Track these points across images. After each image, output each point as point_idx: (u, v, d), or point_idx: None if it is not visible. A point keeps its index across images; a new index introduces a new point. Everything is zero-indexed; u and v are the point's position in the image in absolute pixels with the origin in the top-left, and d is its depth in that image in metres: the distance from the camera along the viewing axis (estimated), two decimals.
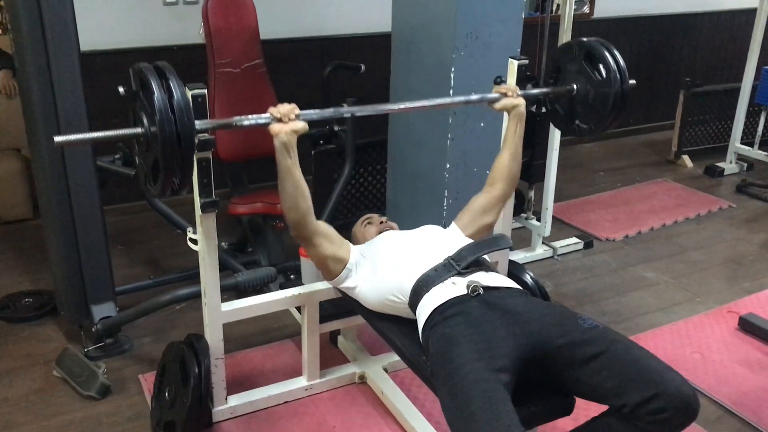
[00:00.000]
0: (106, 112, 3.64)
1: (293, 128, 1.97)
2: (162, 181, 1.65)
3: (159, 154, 1.61)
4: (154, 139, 1.62)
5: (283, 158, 2.00)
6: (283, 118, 1.97)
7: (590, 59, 2.30)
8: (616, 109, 2.29)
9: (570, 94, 2.36)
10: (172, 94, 1.64)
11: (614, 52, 2.26)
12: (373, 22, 4.31)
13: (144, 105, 1.66)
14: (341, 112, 2.09)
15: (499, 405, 1.63)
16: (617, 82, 2.24)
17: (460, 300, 1.96)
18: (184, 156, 1.66)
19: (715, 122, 5.28)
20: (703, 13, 5.70)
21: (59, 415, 2.51)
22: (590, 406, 1.84)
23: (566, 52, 2.39)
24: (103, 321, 2.80)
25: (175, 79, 1.67)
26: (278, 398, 2.56)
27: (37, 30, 2.46)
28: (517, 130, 2.34)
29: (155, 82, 1.64)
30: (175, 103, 1.62)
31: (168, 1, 3.93)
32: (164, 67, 1.68)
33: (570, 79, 2.37)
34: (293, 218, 2.10)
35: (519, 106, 2.31)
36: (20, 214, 3.94)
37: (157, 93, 1.61)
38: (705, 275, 3.61)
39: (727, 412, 2.59)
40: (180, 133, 1.62)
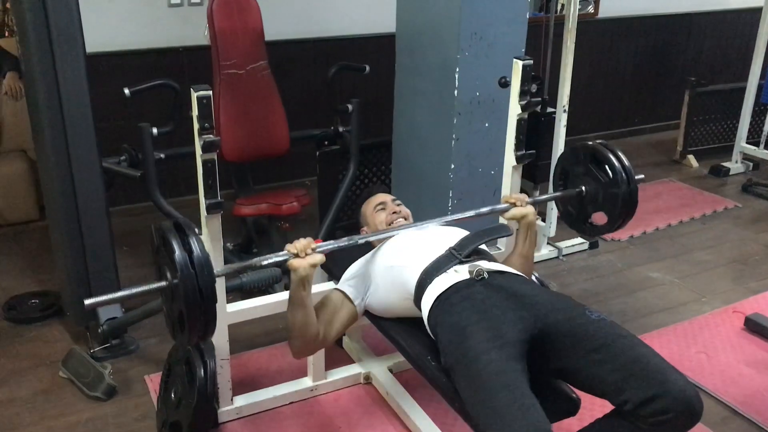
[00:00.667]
0: (112, 113, 3.67)
1: (311, 263, 1.95)
2: (188, 332, 1.73)
3: (183, 307, 1.69)
4: (177, 291, 1.69)
5: (299, 291, 1.98)
6: (300, 253, 1.94)
7: (595, 161, 2.33)
8: (626, 209, 2.32)
9: (580, 197, 2.38)
10: (192, 250, 1.70)
11: (619, 155, 2.29)
12: (378, 23, 4.32)
13: (166, 260, 1.73)
14: (356, 240, 2.10)
15: (524, 399, 1.63)
16: (624, 182, 2.27)
17: (465, 285, 1.96)
18: (207, 308, 1.71)
19: (720, 122, 5.27)
20: (709, 12, 5.68)
21: (65, 415, 2.51)
22: (595, 407, 1.84)
23: (572, 155, 2.41)
24: (109, 322, 2.81)
25: (194, 236, 1.73)
26: (284, 399, 2.56)
27: (43, 32, 2.47)
28: (528, 239, 2.29)
29: (176, 242, 1.70)
30: (195, 260, 1.68)
31: (173, 3, 3.95)
32: (184, 225, 1.74)
33: (578, 181, 2.39)
34: (300, 346, 2.08)
35: (528, 215, 2.27)
36: (26, 216, 3.95)
37: (177, 253, 1.68)
38: (710, 275, 3.60)
39: (733, 413, 2.58)
40: (201, 287, 1.68)
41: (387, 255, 2.22)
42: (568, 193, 2.41)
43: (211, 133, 1.99)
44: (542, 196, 2.39)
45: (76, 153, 2.63)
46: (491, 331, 1.79)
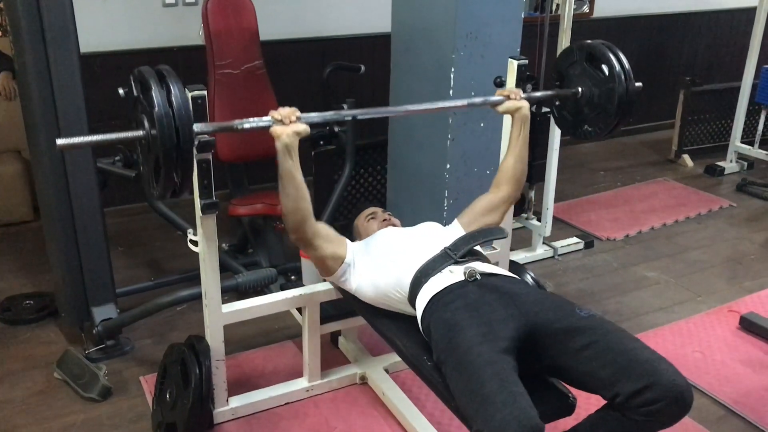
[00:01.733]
0: (106, 113, 3.65)
1: (295, 130, 1.97)
2: (163, 182, 1.68)
3: (159, 154, 1.63)
4: (154, 140, 1.65)
5: (285, 160, 2.00)
6: (284, 120, 1.96)
7: (592, 60, 2.30)
8: (623, 108, 2.28)
9: (575, 97, 2.35)
10: (171, 94, 1.66)
11: (617, 53, 2.26)
12: (373, 23, 4.31)
13: (145, 107, 1.68)
14: (342, 115, 2.09)
15: (513, 387, 1.65)
16: (622, 81, 2.23)
17: (459, 286, 1.98)
18: (184, 156, 1.68)
19: (715, 121, 5.28)
20: (703, 12, 5.70)
21: (60, 417, 2.51)
22: (590, 405, 1.84)
23: (567, 56, 2.38)
24: (104, 323, 2.80)
25: (175, 80, 1.70)
26: (279, 399, 2.56)
27: (37, 32, 2.46)
28: (521, 133, 2.31)
29: (155, 84, 1.67)
30: (174, 104, 1.65)
31: (168, 3, 3.94)
32: (164, 70, 1.71)
33: (574, 83, 2.36)
34: (293, 221, 2.09)
35: (522, 109, 2.28)
36: (21, 216, 3.94)
37: (156, 94, 1.64)
38: (706, 274, 3.61)
39: (729, 412, 2.58)
40: (179, 132, 1.64)
41: (382, 247, 2.25)
42: (564, 92, 2.37)
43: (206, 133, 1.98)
44: (537, 93, 2.35)
45: (71, 153, 2.62)
46: (483, 327, 1.82)
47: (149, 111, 1.66)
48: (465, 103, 2.32)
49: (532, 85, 2.48)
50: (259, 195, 3.36)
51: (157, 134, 1.64)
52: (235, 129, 1.97)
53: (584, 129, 2.42)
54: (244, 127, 1.95)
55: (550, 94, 2.41)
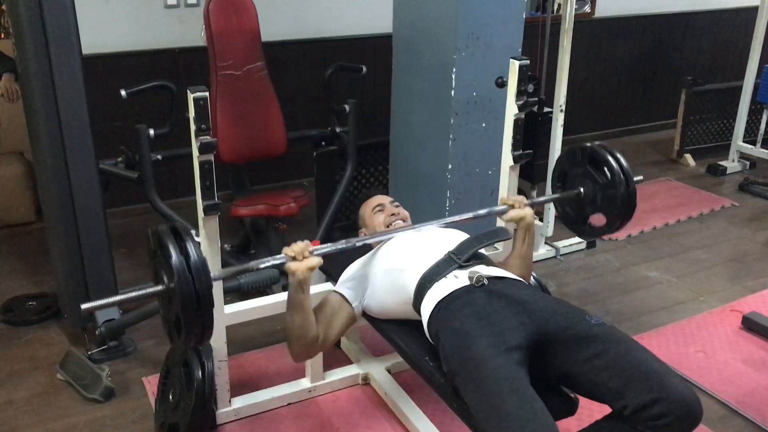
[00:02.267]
0: (109, 114, 3.66)
1: (309, 266, 1.94)
2: (185, 335, 1.72)
3: (179, 312, 1.69)
4: (174, 294, 1.69)
5: (297, 294, 1.97)
6: (297, 256, 1.94)
7: (594, 163, 2.33)
8: (624, 210, 2.31)
9: (578, 198, 2.38)
10: (189, 255, 1.69)
11: (617, 157, 2.29)
12: (375, 24, 4.32)
13: (164, 264, 1.73)
14: (354, 242, 2.09)
15: (533, 403, 1.64)
16: (623, 184, 2.26)
17: (465, 291, 1.95)
18: (204, 312, 1.71)
19: (717, 121, 5.28)
20: (705, 11, 5.69)
21: (63, 418, 2.51)
22: (593, 406, 1.84)
23: (570, 157, 2.42)
24: (107, 324, 2.80)
25: (191, 241, 1.72)
26: (282, 400, 2.56)
27: (39, 34, 2.47)
28: (526, 241, 2.29)
29: (172, 246, 1.69)
30: (192, 265, 1.68)
31: (169, 4, 3.94)
32: (181, 230, 1.74)
33: (576, 183, 2.39)
34: (299, 349, 2.07)
35: (526, 217, 2.26)
36: (23, 218, 3.95)
37: (174, 257, 1.68)
38: (708, 274, 3.61)
39: (732, 412, 2.58)
40: (198, 292, 1.68)
41: (385, 257, 2.21)
42: (566, 194, 2.41)
43: (208, 134, 1.99)
44: (540, 198, 2.39)
45: (73, 155, 2.63)
46: (495, 336, 1.79)
47: (168, 269, 1.70)
48: (471, 216, 2.29)
49: (534, 86, 2.48)
50: (261, 196, 3.37)
51: (178, 297, 1.68)
52: (251, 270, 1.96)
53: (587, 226, 2.44)
54: (260, 267, 1.94)
55: (555, 197, 2.44)
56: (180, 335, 1.75)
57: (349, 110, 3.38)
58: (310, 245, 1.97)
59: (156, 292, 1.78)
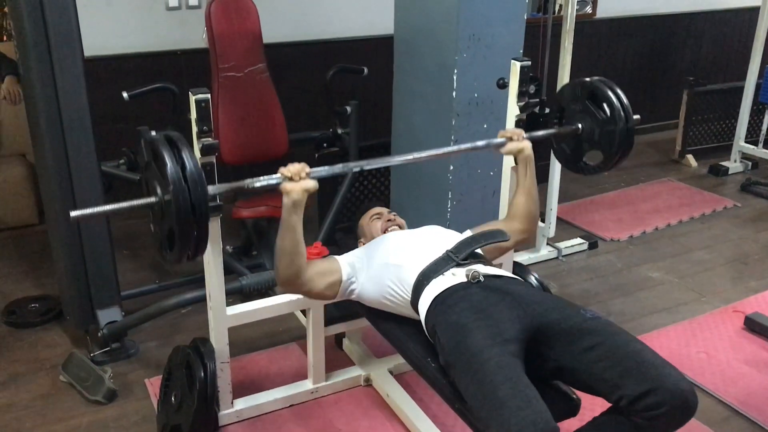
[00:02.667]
0: (110, 116, 3.66)
1: (304, 187, 1.97)
2: (178, 250, 1.68)
3: (174, 223, 1.64)
4: (168, 207, 1.64)
5: (290, 216, 1.99)
6: (294, 177, 1.96)
7: (593, 98, 2.31)
8: (623, 146, 2.30)
9: (576, 134, 2.36)
10: (185, 164, 1.66)
11: (617, 92, 2.27)
12: (376, 25, 4.32)
13: (157, 174, 1.68)
14: (350, 167, 2.08)
15: (527, 390, 1.65)
16: (622, 120, 2.25)
17: (462, 287, 1.98)
18: (199, 224, 1.68)
19: (719, 121, 5.27)
20: (706, 11, 5.69)
21: (66, 419, 2.51)
22: (595, 407, 1.84)
23: (569, 92, 2.40)
24: (109, 325, 2.81)
25: (187, 149, 1.68)
26: (284, 401, 2.56)
27: (41, 36, 2.47)
28: (528, 173, 2.29)
29: (168, 154, 1.65)
30: (188, 174, 1.64)
31: (171, 6, 3.94)
32: (176, 138, 1.70)
33: (575, 118, 2.37)
34: (286, 275, 2.07)
35: (525, 149, 2.27)
36: (26, 220, 3.95)
37: (170, 166, 1.63)
38: (710, 275, 3.60)
39: (734, 412, 2.58)
40: (194, 202, 1.64)
41: (385, 251, 2.24)
42: (564, 129, 2.39)
43: (210, 136, 1.99)
44: (538, 132, 2.36)
45: (75, 157, 2.63)
46: (491, 328, 1.81)
47: (162, 180, 1.65)
48: (469, 146, 2.31)
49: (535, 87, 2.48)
50: (263, 197, 3.37)
51: (173, 208, 1.62)
52: (246, 188, 1.96)
53: (583, 163, 2.43)
54: (255, 186, 1.94)
55: (553, 132, 2.42)
56: (173, 249, 1.69)
57: (351, 111, 3.38)
58: (306, 167, 2.00)
59: (148, 204, 1.73)
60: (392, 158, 2.27)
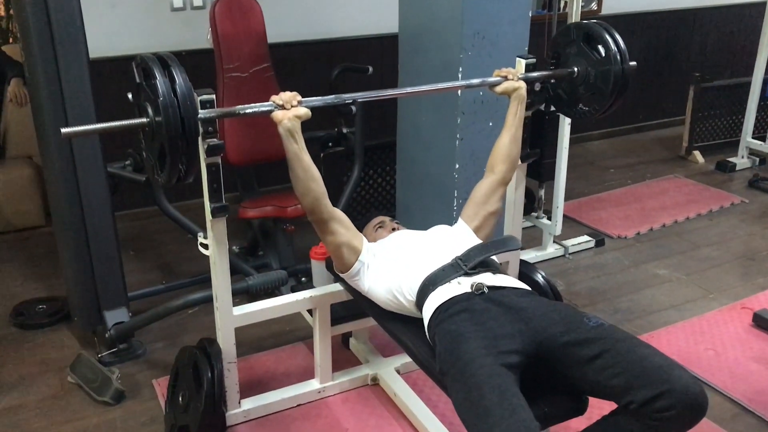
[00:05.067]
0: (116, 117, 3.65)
1: (296, 113, 2.00)
2: (168, 168, 1.69)
3: (164, 140, 1.64)
4: (159, 127, 1.66)
5: (290, 144, 2.02)
6: (285, 104, 2.00)
7: (589, 41, 2.32)
8: (618, 88, 2.29)
9: (571, 77, 2.36)
10: (174, 80, 1.68)
11: (613, 33, 2.28)
12: (380, 24, 4.32)
13: (148, 95, 1.69)
14: (343, 98, 2.11)
15: (514, 399, 1.64)
16: (617, 61, 2.24)
17: (465, 297, 1.98)
18: (189, 141, 1.69)
19: (725, 117, 5.25)
20: (712, 7, 5.67)
21: (74, 420, 2.52)
22: (603, 405, 1.83)
23: (564, 35, 2.39)
24: (117, 326, 2.81)
25: (177, 67, 1.71)
26: (291, 401, 2.56)
27: (47, 38, 2.48)
28: (518, 113, 2.35)
29: (159, 72, 1.68)
30: (178, 89, 1.67)
31: (176, 7, 3.95)
32: (166, 57, 1.72)
33: (570, 62, 2.38)
34: (307, 203, 2.11)
35: (520, 89, 2.33)
36: (33, 222, 3.97)
37: (159, 80, 1.65)
38: (718, 271, 3.59)
39: (743, 410, 2.57)
40: (183, 117, 1.66)
41: (394, 249, 2.25)
42: (560, 72, 2.39)
43: (215, 136, 1.99)
44: (534, 74, 2.37)
45: (81, 158, 2.64)
46: (487, 340, 1.81)
47: (153, 99, 1.67)
48: (464, 84, 2.38)
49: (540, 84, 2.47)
50: (269, 197, 3.37)
51: (163, 122, 1.64)
52: (238, 114, 1.99)
53: (579, 108, 2.43)
54: (246, 111, 1.98)
55: (547, 74, 2.42)
56: (163, 171, 1.71)
57: (356, 111, 3.38)
58: (298, 96, 2.03)
59: (140, 124, 1.75)
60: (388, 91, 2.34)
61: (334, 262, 2.30)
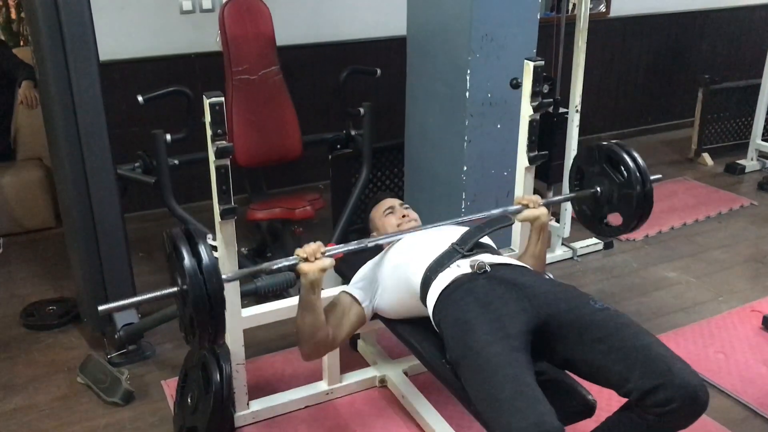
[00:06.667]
0: (126, 120, 3.69)
1: (320, 267, 1.98)
2: (198, 336, 1.76)
3: (192, 312, 1.73)
4: (188, 297, 1.73)
5: (308, 294, 2.02)
6: (309, 257, 1.97)
7: (611, 162, 2.32)
8: (641, 208, 2.32)
9: (594, 197, 2.37)
10: (201, 258, 1.73)
11: (633, 155, 2.28)
12: (389, 26, 4.32)
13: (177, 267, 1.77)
14: (365, 243, 2.14)
15: (530, 391, 1.64)
16: (639, 183, 2.27)
17: (467, 279, 1.97)
18: (216, 313, 1.74)
19: (734, 119, 5.22)
20: (721, 9, 5.65)
21: (83, 421, 2.53)
22: (612, 408, 1.83)
23: (587, 156, 2.41)
24: (126, 328, 2.82)
25: (203, 243, 1.75)
26: (299, 403, 2.57)
27: (57, 41, 2.49)
28: (540, 241, 2.30)
29: (185, 249, 1.73)
30: (204, 267, 1.72)
31: (185, 10, 3.97)
32: (194, 231, 1.78)
33: (593, 181, 2.39)
34: (310, 346, 2.12)
35: (541, 217, 2.28)
36: (43, 223, 3.99)
37: (186, 259, 1.72)
38: (727, 274, 3.57)
39: (753, 413, 2.55)
40: (209, 294, 1.71)
41: (394, 256, 2.25)
42: (582, 193, 2.40)
43: (224, 139, 2.00)
44: (556, 197, 2.39)
45: (91, 160, 2.65)
46: (494, 323, 1.80)
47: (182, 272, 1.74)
48: (483, 215, 2.29)
49: (549, 86, 2.47)
50: (277, 199, 3.38)
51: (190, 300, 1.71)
52: (265, 272, 2.04)
53: (604, 225, 2.45)
54: (273, 268, 2.01)
55: (571, 196, 2.44)
56: (194, 336, 1.77)
57: (364, 113, 3.38)
58: (322, 246, 2.00)
59: (172, 293, 1.81)
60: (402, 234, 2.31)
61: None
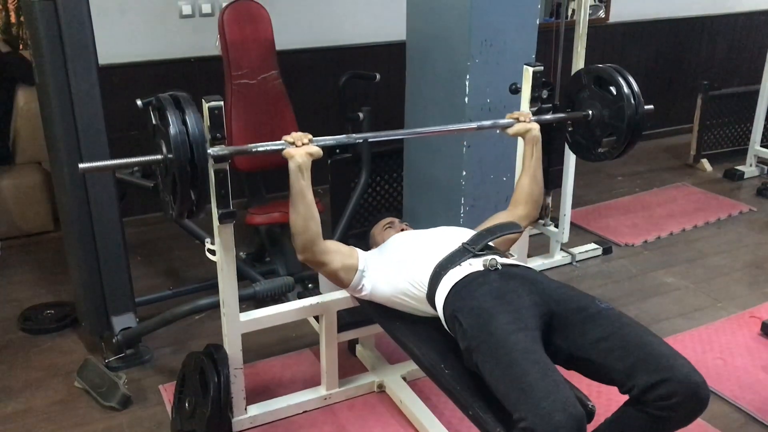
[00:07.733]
0: (125, 124, 3.69)
1: (308, 150, 2.04)
2: (180, 202, 1.77)
3: (176, 174, 1.72)
4: (171, 163, 1.73)
5: (297, 180, 2.04)
6: (297, 142, 2.03)
7: (600, 84, 2.33)
8: (633, 126, 2.31)
9: (586, 120, 2.38)
10: (187, 118, 1.74)
11: (626, 74, 2.29)
12: (388, 31, 4.33)
13: (162, 133, 1.77)
14: (354, 138, 2.16)
15: (555, 376, 1.67)
16: (631, 100, 2.26)
17: (480, 274, 2.01)
18: (199, 176, 1.76)
19: (734, 125, 5.23)
20: (720, 15, 5.66)
21: (81, 425, 2.53)
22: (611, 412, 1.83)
23: (575, 82, 2.42)
24: (124, 332, 2.82)
25: (190, 105, 1.75)
26: (297, 408, 2.56)
27: (57, 45, 2.50)
28: (534, 154, 2.36)
29: (171, 109, 1.74)
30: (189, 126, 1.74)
31: (185, 14, 3.97)
32: (180, 96, 1.77)
33: (584, 106, 2.40)
34: (303, 241, 2.14)
35: (532, 130, 2.33)
36: (41, 227, 3.98)
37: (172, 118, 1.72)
38: (726, 280, 3.57)
39: (751, 419, 2.55)
40: (194, 153, 1.73)
41: (398, 249, 2.28)
42: (573, 114, 2.41)
43: (223, 143, 2.00)
44: (548, 116, 2.39)
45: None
46: (513, 314, 1.84)
47: (166, 135, 1.73)
48: (475, 126, 2.36)
49: (548, 92, 2.48)
50: (276, 204, 3.38)
51: (173, 156, 1.71)
52: (249, 152, 2.04)
53: (598, 152, 2.44)
54: (258, 150, 2.03)
55: (561, 117, 2.45)
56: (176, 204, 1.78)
57: (364, 117, 3.38)
58: (309, 135, 2.06)
59: (155, 161, 1.83)
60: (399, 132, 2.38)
61: (334, 283, 2.32)
